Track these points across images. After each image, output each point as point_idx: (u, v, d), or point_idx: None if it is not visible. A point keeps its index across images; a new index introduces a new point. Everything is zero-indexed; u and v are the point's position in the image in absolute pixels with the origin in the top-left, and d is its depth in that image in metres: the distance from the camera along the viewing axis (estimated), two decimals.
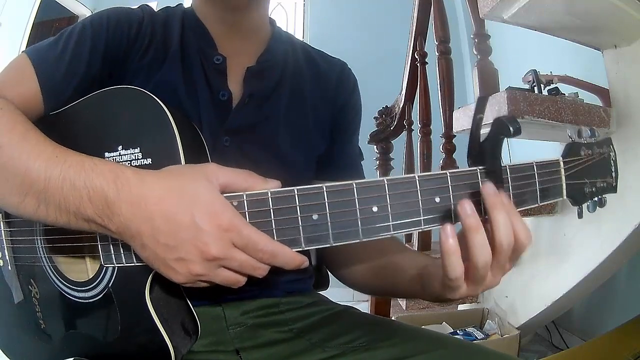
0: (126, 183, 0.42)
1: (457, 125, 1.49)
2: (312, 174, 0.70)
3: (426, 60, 1.84)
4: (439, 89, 1.66)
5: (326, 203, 0.42)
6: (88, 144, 0.51)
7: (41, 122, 0.56)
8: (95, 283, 0.52)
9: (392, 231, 0.43)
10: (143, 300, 0.49)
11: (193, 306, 0.54)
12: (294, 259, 0.43)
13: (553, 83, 1.37)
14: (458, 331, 1.65)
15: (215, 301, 0.61)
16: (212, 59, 0.63)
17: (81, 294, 0.54)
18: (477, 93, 1.52)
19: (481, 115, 0.45)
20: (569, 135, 0.49)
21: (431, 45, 1.77)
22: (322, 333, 0.62)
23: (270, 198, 0.43)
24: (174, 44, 0.62)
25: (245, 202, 0.43)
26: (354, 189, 0.42)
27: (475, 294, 0.46)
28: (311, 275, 0.73)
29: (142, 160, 0.49)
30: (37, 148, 0.46)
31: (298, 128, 0.67)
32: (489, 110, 1.28)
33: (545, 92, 1.35)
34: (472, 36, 1.60)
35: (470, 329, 1.66)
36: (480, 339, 1.59)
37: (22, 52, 0.57)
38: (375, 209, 0.43)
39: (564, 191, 0.47)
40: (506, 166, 0.45)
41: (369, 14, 3.33)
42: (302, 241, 0.43)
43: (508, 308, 1.66)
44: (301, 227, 0.43)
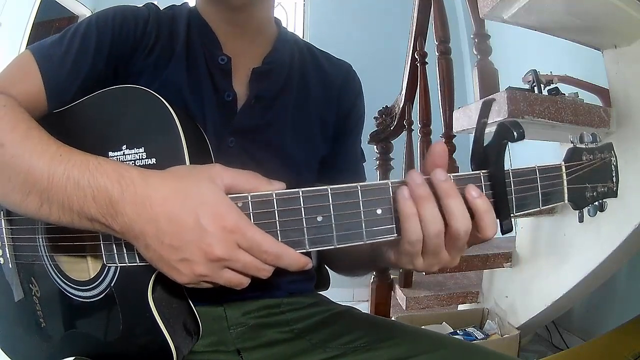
0: (130, 183, 0.42)
1: (457, 125, 1.49)
2: (315, 176, 0.70)
3: (426, 60, 1.84)
4: (439, 89, 1.66)
5: (331, 205, 0.43)
6: (92, 143, 0.51)
7: (45, 120, 0.55)
8: (97, 282, 0.52)
9: (396, 234, 0.43)
10: (145, 300, 0.49)
11: (194, 306, 0.54)
12: (299, 260, 0.43)
13: (553, 83, 1.37)
14: (458, 331, 1.65)
15: (216, 301, 0.61)
16: (217, 59, 0.62)
17: (82, 293, 0.54)
18: (477, 93, 1.52)
19: (485, 119, 0.45)
20: (571, 140, 0.50)
21: (431, 45, 1.77)
22: (323, 333, 0.62)
23: (275, 199, 0.43)
24: (180, 44, 0.62)
25: (250, 203, 0.43)
26: (359, 192, 0.43)
27: (432, 271, 0.45)
28: (313, 276, 0.74)
29: (147, 160, 0.48)
30: (40, 146, 0.45)
31: (302, 130, 0.67)
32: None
33: (545, 92, 1.35)
34: (472, 36, 1.60)
35: (470, 329, 1.66)
36: (480, 339, 1.59)
37: (27, 49, 0.57)
38: (379, 212, 0.43)
39: (566, 195, 0.48)
40: (509, 170, 0.45)
41: (369, 14, 3.33)
42: (307, 243, 0.43)
43: (508, 308, 1.66)
44: (305, 229, 0.43)
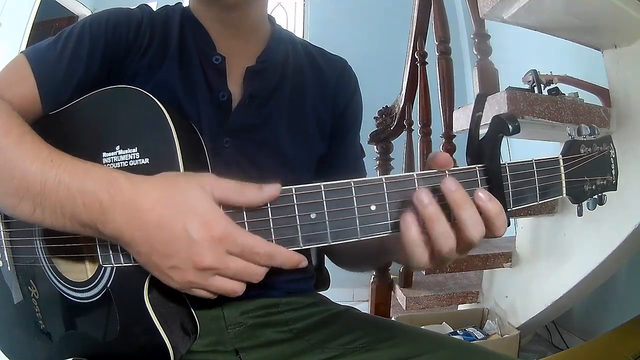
0: (119, 190, 0.42)
1: (457, 125, 1.48)
2: (312, 175, 0.70)
3: (426, 60, 1.84)
4: (439, 89, 1.66)
5: (324, 202, 0.42)
6: (86, 144, 0.51)
7: (39, 122, 0.56)
8: (94, 283, 0.52)
9: (390, 230, 0.43)
10: (142, 300, 0.48)
11: (192, 306, 0.54)
12: (292, 258, 0.43)
13: (553, 83, 1.37)
14: (458, 331, 1.65)
15: (214, 301, 0.61)
16: (211, 59, 0.62)
17: (80, 294, 0.54)
18: (477, 93, 1.52)
19: (480, 113, 0.45)
20: (569, 132, 0.49)
21: (431, 45, 1.77)
22: (322, 334, 0.62)
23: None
24: (173, 44, 0.62)
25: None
26: (352, 188, 0.42)
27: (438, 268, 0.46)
28: (312, 275, 0.73)
29: (140, 160, 0.48)
30: (33, 152, 0.45)
31: (299, 128, 0.67)
32: (489, 110, 1.27)
33: (545, 92, 1.35)
34: (472, 36, 1.60)
35: (470, 329, 1.66)
36: (480, 339, 1.59)
37: (21, 53, 0.57)
38: (373, 208, 0.43)
39: (564, 189, 0.47)
40: (505, 164, 0.45)
41: (369, 14, 3.33)
42: (300, 240, 0.43)
43: (508, 308, 1.66)
44: (299, 226, 0.43)
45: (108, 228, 0.42)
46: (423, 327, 1.73)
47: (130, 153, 0.49)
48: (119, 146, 0.49)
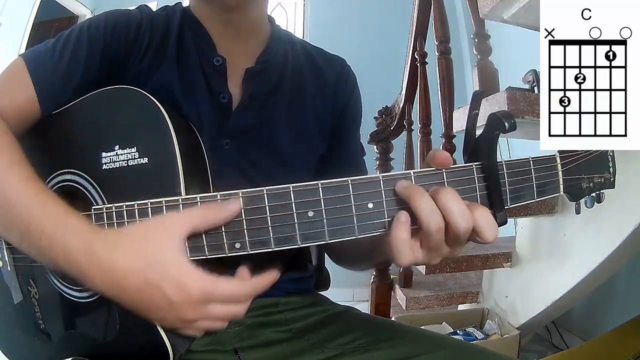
0: (95, 257, 0.43)
1: (457, 125, 1.48)
2: (313, 174, 0.70)
3: (426, 60, 1.84)
4: (439, 89, 1.66)
5: (321, 199, 0.42)
6: (86, 144, 0.52)
7: (39, 122, 0.56)
8: None
9: (388, 228, 0.43)
10: None
11: None
12: (270, 280, 0.46)
13: None
14: (458, 331, 1.65)
15: None
16: (212, 60, 0.62)
17: (79, 294, 0.54)
18: None
19: (476, 111, 0.45)
20: None
21: (431, 45, 1.77)
22: (322, 333, 0.62)
23: (265, 195, 0.43)
24: (171, 44, 0.62)
25: (240, 199, 0.43)
26: (349, 186, 0.43)
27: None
28: (312, 275, 0.73)
29: (139, 159, 0.49)
30: (20, 186, 0.46)
31: (298, 128, 0.67)
32: (489, 110, 1.27)
33: None
34: (472, 36, 1.60)
35: (470, 329, 1.66)
36: (480, 339, 1.59)
37: (19, 56, 0.57)
38: (370, 206, 0.43)
39: (561, 186, 0.47)
40: (502, 162, 0.45)
41: (369, 14, 3.33)
42: (298, 238, 0.43)
43: (508, 308, 1.65)
44: (297, 224, 0.43)
45: (89, 285, 0.44)
46: (423, 327, 1.73)
47: (129, 153, 0.49)
48: (118, 146, 0.49)
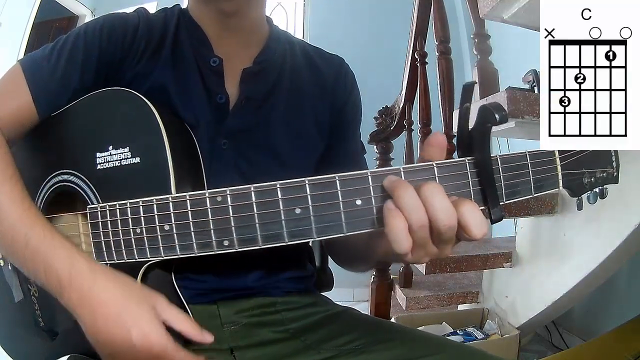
0: (79, 276, 0.45)
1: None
2: (312, 174, 0.69)
3: (426, 60, 1.84)
4: (439, 89, 1.66)
5: (309, 196, 0.42)
6: (81, 144, 0.53)
7: (38, 124, 0.57)
8: None
9: (377, 225, 0.42)
10: None
11: (188, 303, 0.54)
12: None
13: None
14: (458, 331, 1.65)
15: (210, 299, 0.61)
16: (209, 61, 0.62)
17: None
18: (477, 93, 1.52)
19: (468, 104, 0.42)
20: None
21: (431, 45, 1.77)
22: (319, 334, 0.62)
23: (252, 192, 0.43)
24: (167, 46, 0.62)
25: (228, 197, 0.43)
26: (337, 182, 0.42)
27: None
28: (311, 274, 0.73)
29: (131, 159, 0.50)
30: (10, 199, 0.48)
31: (297, 129, 0.67)
32: None
33: None
34: (472, 36, 1.60)
35: (470, 329, 1.66)
36: (480, 339, 1.59)
37: (17, 62, 0.58)
38: (358, 202, 0.42)
39: (560, 181, 0.45)
40: (497, 156, 0.43)
41: (369, 14, 3.33)
42: (286, 236, 0.43)
43: (508, 308, 1.66)
44: (284, 222, 0.42)
45: (64, 300, 0.46)
46: (423, 327, 1.73)
47: (122, 153, 0.50)
48: (112, 146, 0.50)
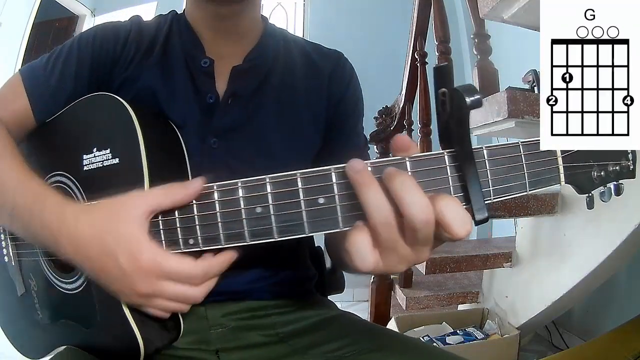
0: (64, 222, 0.46)
1: None
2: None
3: (426, 60, 1.84)
4: None
5: (269, 194, 0.40)
6: (70, 147, 0.56)
7: (34, 130, 0.62)
8: (78, 274, 0.53)
9: (342, 225, 0.39)
10: None
11: None
12: (225, 261, 0.45)
13: None
14: (458, 331, 1.65)
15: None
16: (199, 62, 0.63)
17: (67, 285, 0.55)
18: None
19: (444, 89, 0.38)
20: None
21: (431, 45, 1.77)
22: (308, 339, 0.61)
23: (215, 191, 0.42)
24: (157, 51, 0.63)
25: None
26: (298, 179, 0.40)
27: (396, 271, 0.40)
28: (310, 277, 0.72)
29: (112, 160, 0.51)
30: (10, 166, 0.51)
31: (290, 125, 0.66)
32: (489, 110, 1.27)
33: None
34: (472, 36, 1.60)
35: (470, 329, 1.66)
36: (480, 339, 1.59)
37: (17, 72, 0.62)
38: (321, 201, 0.39)
39: (562, 175, 0.39)
40: (482, 148, 0.38)
41: (369, 14, 3.33)
42: (247, 235, 0.41)
43: (508, 308, 1.66)
44: (245, 220, 0.41)
45: (62, 253, 0.46)
46: (423, 327, 1.73)
47: (104, 154, 0.52)
48: (96, 148, 0.52)
